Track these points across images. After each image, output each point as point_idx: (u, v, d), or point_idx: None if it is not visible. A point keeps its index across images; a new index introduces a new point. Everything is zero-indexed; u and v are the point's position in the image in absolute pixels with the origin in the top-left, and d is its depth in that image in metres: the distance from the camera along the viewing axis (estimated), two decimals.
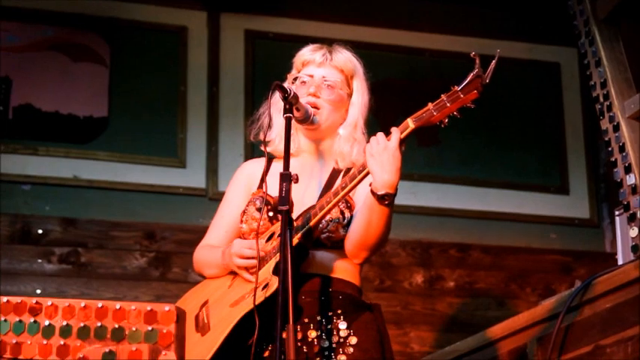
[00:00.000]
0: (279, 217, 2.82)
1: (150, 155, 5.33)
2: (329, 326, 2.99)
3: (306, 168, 3.21)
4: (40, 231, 5.08)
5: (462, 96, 3.02)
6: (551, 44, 5.99)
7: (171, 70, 5.51)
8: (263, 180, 3.19)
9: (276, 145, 3.21)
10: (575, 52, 5.80)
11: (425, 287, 5.42)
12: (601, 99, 3.96)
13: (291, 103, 2.95)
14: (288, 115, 2.94)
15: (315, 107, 3.15)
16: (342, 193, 2.96)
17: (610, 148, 3.85)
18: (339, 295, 3.03)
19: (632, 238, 3.62)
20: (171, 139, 5.39)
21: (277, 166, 3.08)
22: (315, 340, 2.97)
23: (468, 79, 3.02)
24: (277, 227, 3.04)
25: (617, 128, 3.84)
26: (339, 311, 3.01)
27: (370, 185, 2.93)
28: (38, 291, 4.96)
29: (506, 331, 3.84)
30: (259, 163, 3.30)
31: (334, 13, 5.76)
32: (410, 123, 3.01)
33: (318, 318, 2.99)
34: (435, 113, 3.01)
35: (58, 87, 5.32)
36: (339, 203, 3.03)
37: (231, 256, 3.05)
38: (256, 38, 5.66)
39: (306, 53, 3.26)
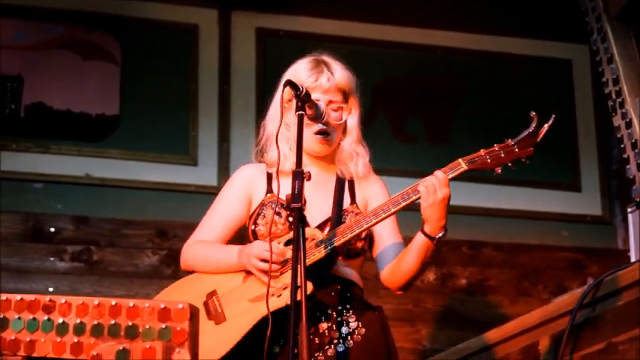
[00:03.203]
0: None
1: (161, 153, 5.34)
2: (339, 319, 3.11)
3: (313, 174, 3.17)
4: (52, 229, 5.10)
5: (516, 150, 3.15)
6: (563, 41, 5.97)
7: (182, 68, 5.52)
8: (271, 184, 3.24)
9: (282, 163, 3.16)
10: (586, 49, 5.78)
11: (437, 285, 5.41)
12: (613, 96, 3.96)
13: (303, 100, 2.95)
14: (300, 112, 2.94)
15: (326, 140, 3.22)
16: (382, 216, 3.07)
17: (622, 145, 3.85)
18: (347, 292, 3.15)
19: None
20: (182, 136, 5.40)
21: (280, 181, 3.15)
22: (326, 331, 3.09)
23: (523, 135, 3.16)
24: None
25: (629, 125, 3.84)
26: (348, 306, 3.14)
27: (423, 229, 3.08)
28: (51, 289, 4.97)
29: (519, 328, 3.84)
30: (257, 168, 3.34)
31: (344, 11, 5.76)
32: (463, 164, 3.13)
33: (329, 311, 3.11)
34: (488, 160, 3.13)
35: (69, 85, 5.34)
36: (355, 217, 3.14)
37: (250, 257, 3.05)
38: (267, 36, 5.66)
39: (310, 77, 3.22)
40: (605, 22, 4.07)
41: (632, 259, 3.85)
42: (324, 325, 3.09)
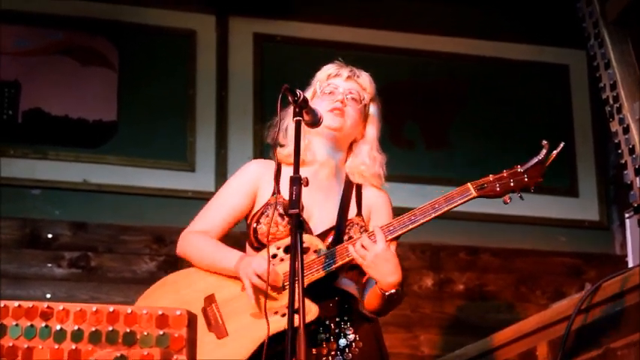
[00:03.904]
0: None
1: (159, 159, 5.34)
2: (337, 330, 3.12)
3: (321, 178, 3.27)
4: (49, 235, 5.09)
5: (526, 179, 3.12)
6: (560, 46, 5.98)
7: (180, 74, 5.52)
8: (278, 183, 3.22)
9: (290, 150, 3.20)
10: (584, 55, 5.78)
11: (434, 290, 5.41)
12: (610, 101, 3.96)
13: (301, 106, 2.95)
14: (297, 118, 2.94)
15: (341, 113, 3.24)
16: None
17: (620, 151, 3.85)
18: (345, 304, 3.16)
19: None
20: (180, 142, 5.40)
21: (288, 171, 3.09)
22: (324, 343, 3.09)
23: (532, 163, 3.14)
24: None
25: (627, 130, 3.84)
26: (346, 318, 3.14)
27: (377, 286, 3.07)
28: (48, 295, 4.96)
29: (516, 334, 3.84)
30: (266, 165, 3.33)
31: (341, 17, 5.76)
32: (472, 190, 3.12)
33: (327, 322, 3.11)
34: (497, 188, 3.11)
35: (67, 91, 5.33)
36: (360, 230, 3.17)
37: (249, 269, 3.04)
38: (264, 41, 5.67)
39: (332, 68, 3.35)
40: (603, 28, 4.07)
41: (630, 265, 3.86)
42: (322, 337, 3.09)
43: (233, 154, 5.41)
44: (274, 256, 3.09)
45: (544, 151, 3.15)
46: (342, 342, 3.10)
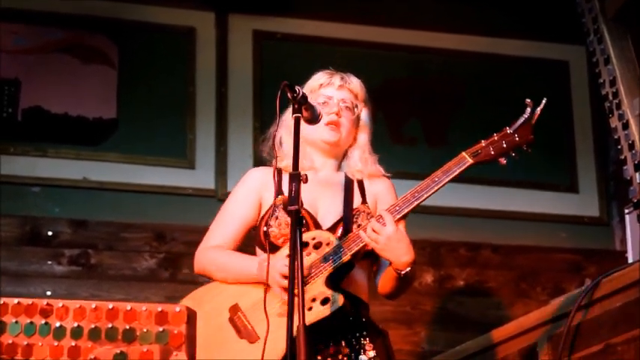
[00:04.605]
0: (311, 224, 3.13)
1: (159, 156, 5.34)
2: (357, 346, 3.15)
3: (321, 177, 3.33)
4: (49, 233, 5.09)
5: (517, 139, 3.18)
6: (560, 42, 5.98)
7: (179, 71, 5.52)
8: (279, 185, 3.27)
9: (288, 162, 3.23)
10: (583, 50, 5.78)
11: (435, 286, 5.41)
12: (610, 97, 3.96)
13: (300, 103, 2.96)
14: (296, 115, 2.95)
15: (337, 127, 3.30)
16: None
17: (619, 146, 3.85)
18: (362, 317, 3.19)
19: None
20: (180, 140, 5.40)
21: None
22: (345, 358, 3.12)
23: (520, 122, 3.20)
24: (309, 236, 3.14)
25: (626, 126, 3.84)
26: (365, 333, 3.17)
27: (391, 266, 3.12)
28: (48, 293, 4.96)
29: (517, 330, 3.84)
30: (267, 172, 3.36)
31: (340, 14, 5.76)
32: (468, 158, 3.17)
33: (349, 337, 3.14)
34: (492, 152, 3.16)
35: (67, 89, 5.34)
36: (367, 217, 3.20)
37: (274, 274, 3.05)
38: (264, 39, 5.67)
39: (323, 77, 3.38)
40: (602, 24, 4.07)
41: (630, 260, 3.86)
42: (345, 351, 3.13)
43: (233, 152, 5.41)
44: (288, 256, 3.10)
45: (528, 110, 3.21)
46: (363, 358, 3.14)
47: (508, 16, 5.95)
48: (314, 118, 3.09)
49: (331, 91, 3.34)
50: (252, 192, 3.33)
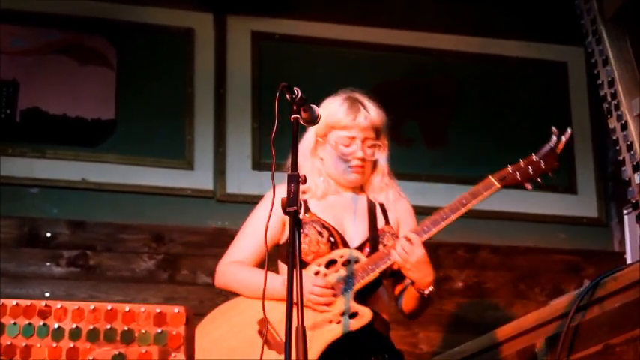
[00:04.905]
0: (339, 243, 3.23)
1: (157, 157, 5.33)
2: None
3: (344, 199, 3.41)
4: (48, 234, 5.09)
5: (543, 166, 3.32)
6: (558, 43, 5.98)
7: (178, 72, 5.51)
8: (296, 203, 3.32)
9: (313, 192, 3.37)
10: (582, 52, 5.78)
11: (433, 287, 5.40)
12: (608, 98, 3.96)
13: (298, 104, 2.96)
14: (295, 116, 2.95)
15: (361, 169, 3.36)
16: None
17: (617, 147, 3.85)
18: (382, 338, 3.28)
19: None
20: (178, 141, 5.39)
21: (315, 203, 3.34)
22: None
23: (546, 150, 3.35)
24: (337, 254, 3.22)
25: (624, 127, 3.84)
26: (387, 356, 3.26)
27: (414, 286, 3.25)
28: (47, 294, 4.96)
29: (515, 331, 3.84)
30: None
31: (339, 15, 5.75)
32: (495, 182, 3.30)
33: (373, 358, 3.22)
34: (518, 177, 3.29)
35: (65, 90, 5.33)
36: (392, 237, 3.30)
37: (307, 295, 3.10)
38: (262, 40, 5.66)
39: (348, 116, 3.36)
40: (600, 25, 4.06)
41: (628, 261, 3.85)
42: None
43: (231, 153, 5.40)
44: (317, 273, 3.22)
45: (554, 138, 3.34)
46: None
47: (506, 17, 5.95)
48: (312, 120, 3.08)
49: (355, 132, 3.34)
50: (275, 211, 3.34)
